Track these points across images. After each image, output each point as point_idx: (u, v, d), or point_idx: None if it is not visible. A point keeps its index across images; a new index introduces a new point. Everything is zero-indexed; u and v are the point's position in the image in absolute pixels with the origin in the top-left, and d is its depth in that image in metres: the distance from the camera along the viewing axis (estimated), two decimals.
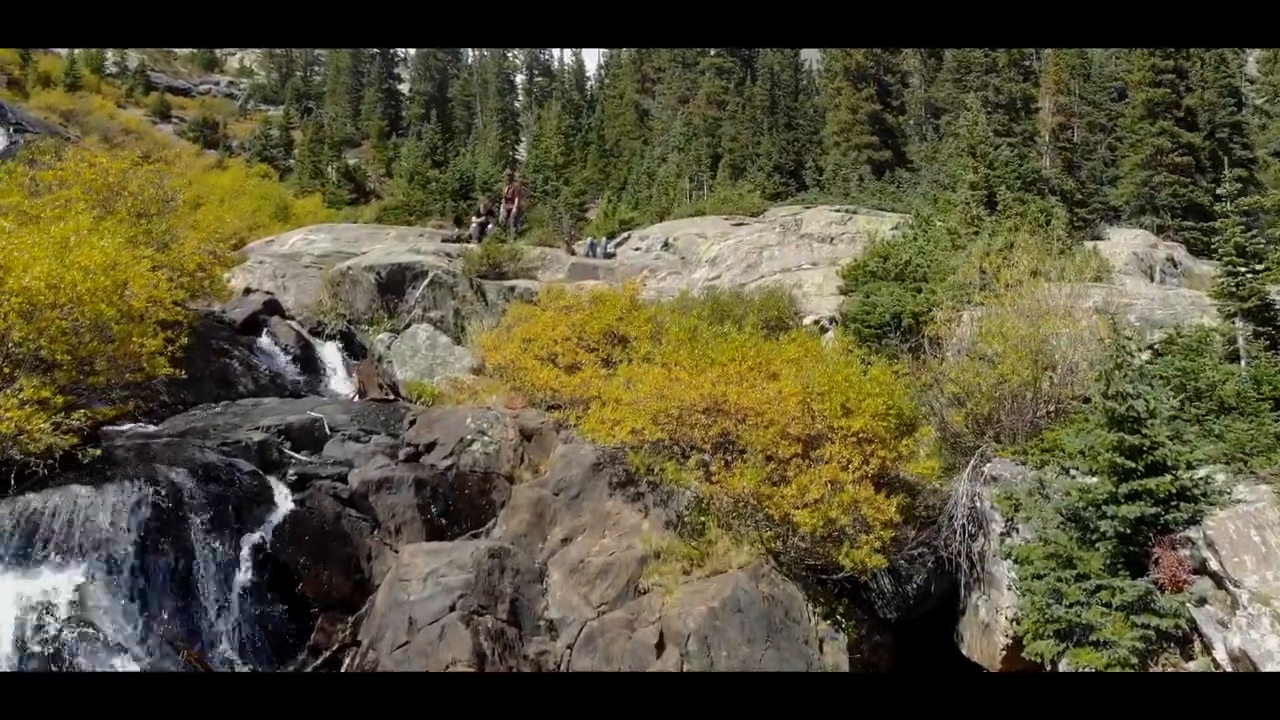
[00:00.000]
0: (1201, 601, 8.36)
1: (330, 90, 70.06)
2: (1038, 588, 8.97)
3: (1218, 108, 35.33)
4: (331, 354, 18.76)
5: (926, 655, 11.17)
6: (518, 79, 73.18)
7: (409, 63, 74.96)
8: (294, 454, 11.70)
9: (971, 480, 11.09)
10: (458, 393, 14.48)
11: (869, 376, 11.53)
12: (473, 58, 74.48)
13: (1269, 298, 11.75)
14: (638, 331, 14.38)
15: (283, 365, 17.44)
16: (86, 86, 58.44)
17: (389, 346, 15.82)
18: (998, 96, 34.91)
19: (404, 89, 72.09)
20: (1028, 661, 9.14)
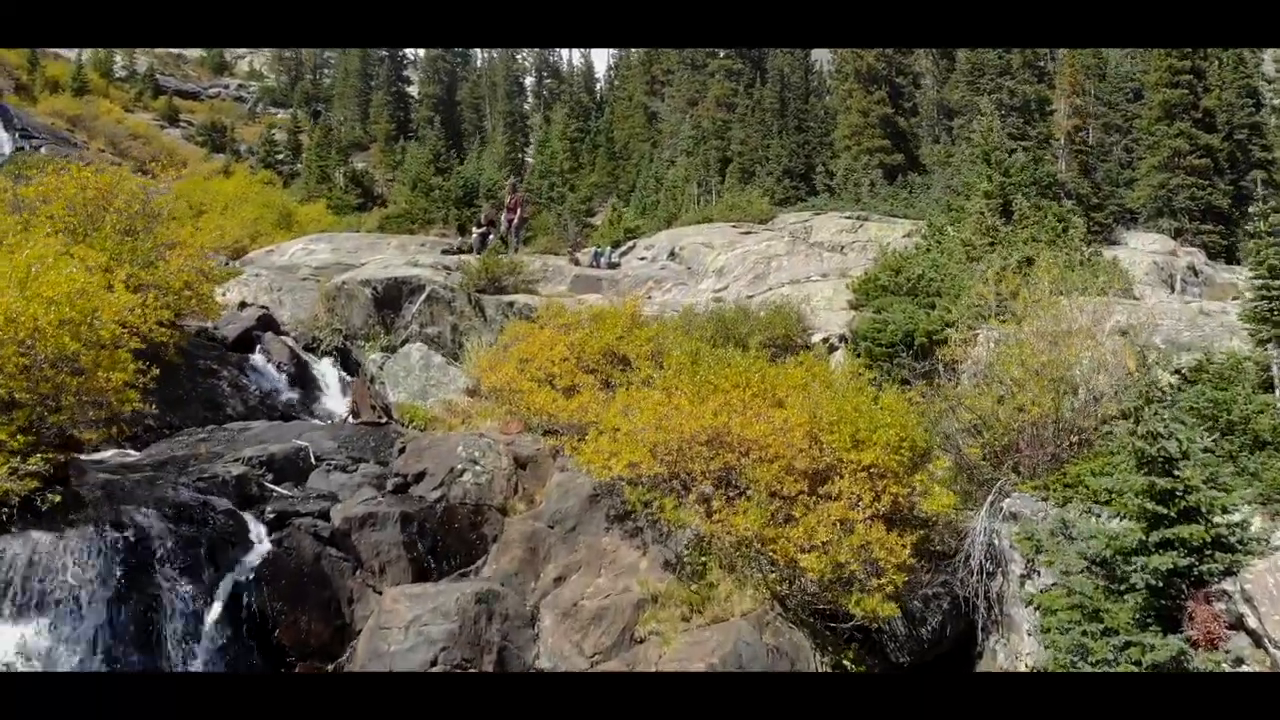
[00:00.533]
0: (1238, 662, 7.75)
1: (339, 93, 69.81)
2: (1061, 642, 8.35)
3: (1236, 108, 34.62)
4: (327, 371, 18.23)
5: None
6: (527, 81, 72.66)
7: (418, 65, 74.58)
8: (275, 487, 11.14)
9: (989, 516, 10.49)
10: (451, 416, 13.92)
11: (880, 405, 10.93)
12: (482, 60, 74.12)
13: None
14: (638, 351, 13.79)
15: (275, 384, 16.91)
16: (94, 91, 58.33)
17: (381, 367, 15.27)
18: (1012, 99, 34.18)
19: (413, 91, 71.73)
20: None
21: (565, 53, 75.52)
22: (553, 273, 21.88)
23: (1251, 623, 7.83)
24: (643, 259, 24.14)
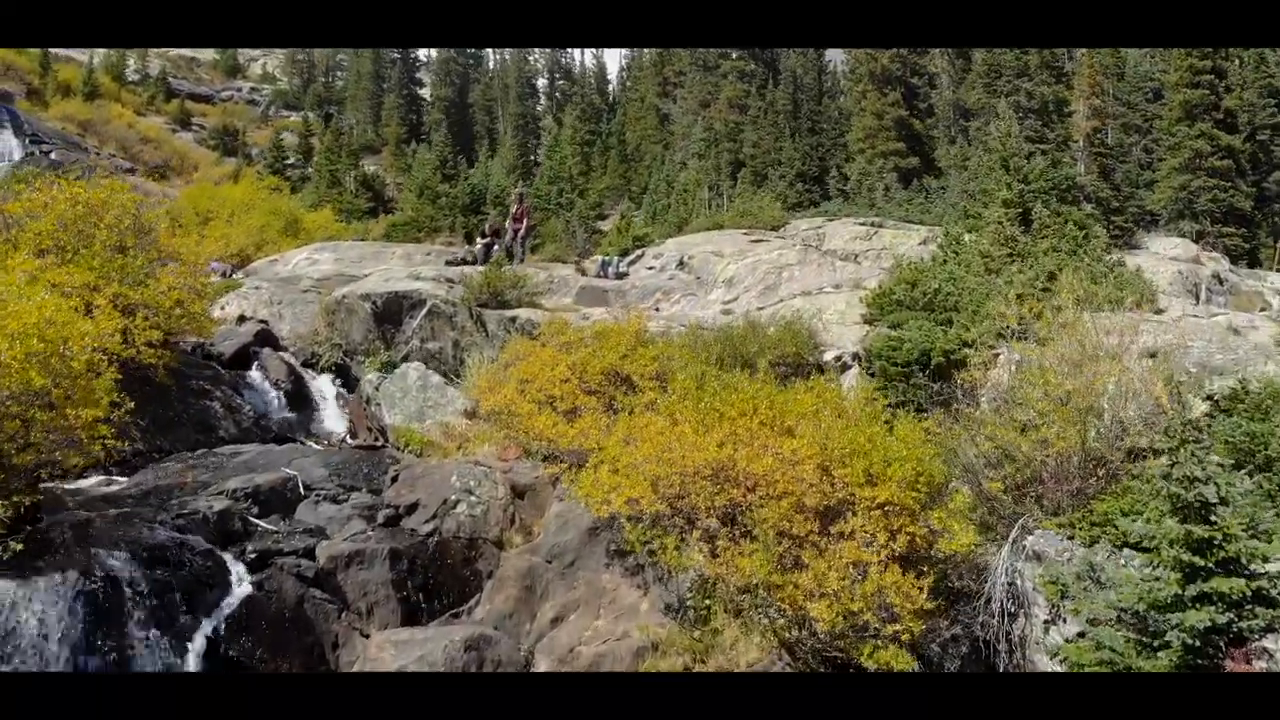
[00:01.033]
0: None
1: (351, 96, 69.48)
2: None
3: (1258, 109, 33.88)
4: (325, 388, 17.81)
5: None
6: (539, 83, 72.09)
7: (430, 67, 74.16)
8: (259, 522, 10.64)
9: (1011, 555, 9.89)
10: (448, 440, 13.40)
11: (895, 435, 10.34)
12: (494, 61, 73.58)
13: None
14: (642, 371, 13.26)
15: (272, 403, 16.48)
16: (106, 95, 58.11)
17: (378, 387, 14.75)
18: (1030, 101, 33.37)
19: (425, 94, 71.33)
20: None
21: (578, 54, 74.96)
22: (558, 284, 21.35)
23: None
24: (651, 268, 23.56)
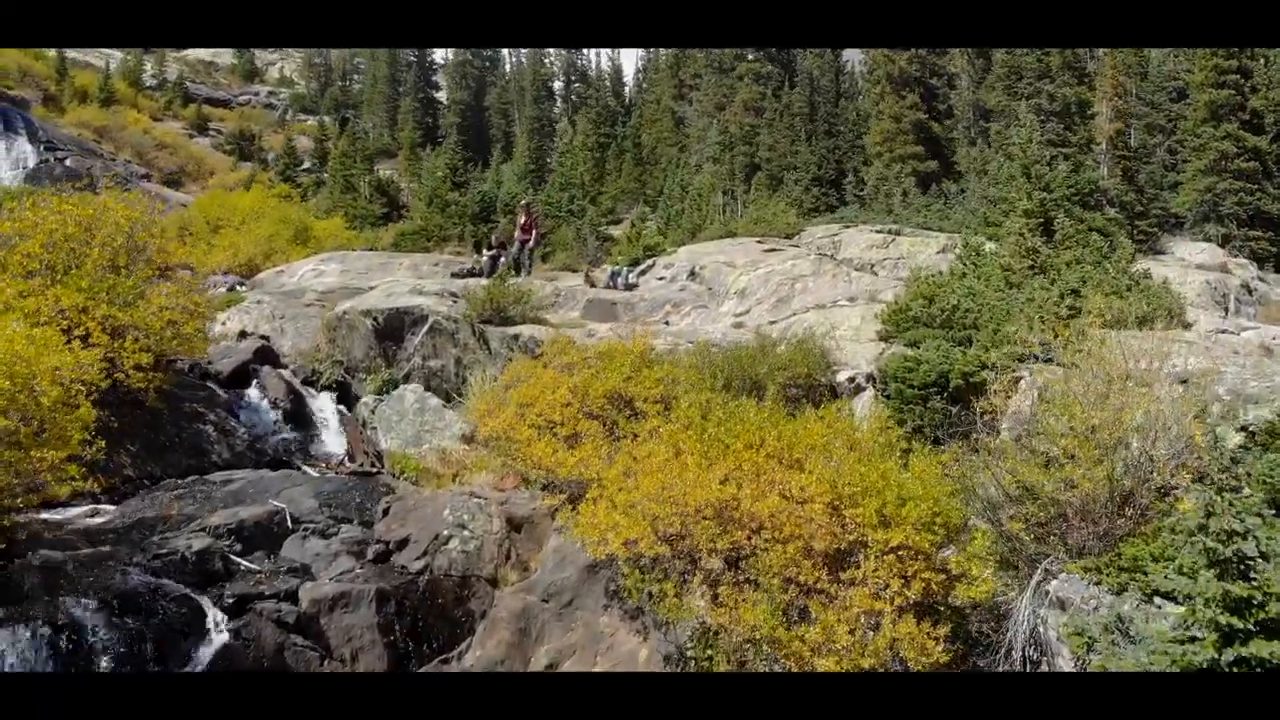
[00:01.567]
0: None
1: (368, 99, 69.41)
2: None
3: None
4: (325, 406, 17.35)
5: None
6: (555, 85, 71.70)
7: (446, 70, 73.94)
8: (241, 561, 10.17)
9: (1034, 600, 9.29)
10: (444, 467, 12.93)
11: (910, 471, 9.77)
12: (510, 64, 73.28)
13: None
14: (646, 395, 12.72)
15: (270, 423, 16.05)
16: (122, 100, 58.20)
17: (374, 410, 14.28)
18: (1051, 104, 32.64)
19: (441, 97, 71.12)
20: None
21: (593, 56, 74.63)
22: (565, 297, 20.85)
23: None
24: (661, 279, 23.04)
